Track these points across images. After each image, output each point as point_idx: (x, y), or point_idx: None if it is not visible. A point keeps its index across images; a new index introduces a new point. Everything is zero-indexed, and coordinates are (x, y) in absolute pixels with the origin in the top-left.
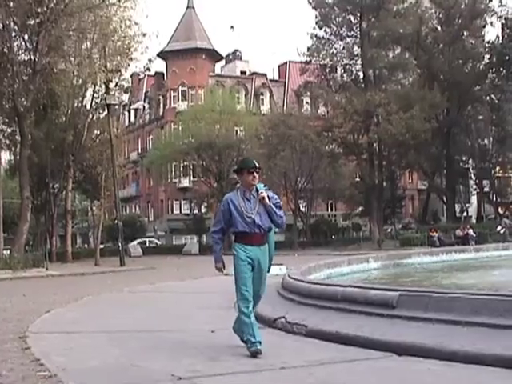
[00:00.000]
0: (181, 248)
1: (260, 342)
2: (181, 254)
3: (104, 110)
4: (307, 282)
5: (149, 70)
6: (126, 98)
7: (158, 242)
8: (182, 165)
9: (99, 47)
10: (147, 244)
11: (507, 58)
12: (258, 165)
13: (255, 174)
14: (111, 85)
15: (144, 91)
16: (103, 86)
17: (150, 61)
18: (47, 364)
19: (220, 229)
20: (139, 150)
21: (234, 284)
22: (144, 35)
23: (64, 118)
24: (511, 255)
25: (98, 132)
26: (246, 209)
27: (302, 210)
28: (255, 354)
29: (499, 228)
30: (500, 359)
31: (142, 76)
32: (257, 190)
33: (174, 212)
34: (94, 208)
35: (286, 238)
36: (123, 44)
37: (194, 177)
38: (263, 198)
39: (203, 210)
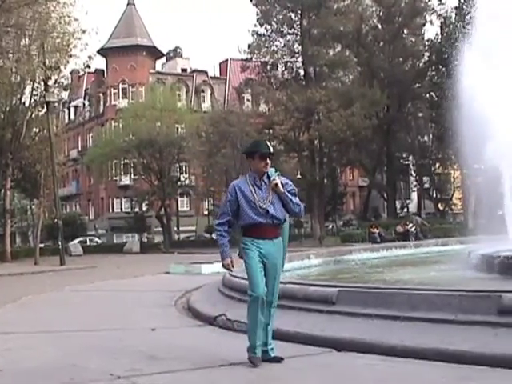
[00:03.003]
0: (122, 246)
1: (259, 348)
2: (122, 253)
3: (43, 107)
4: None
5: (89, 66)
6: (65, 95)
7: (99, 241)
8: (122, 162)
9: (38, 44)
10: (88, 243)
11: (446, 55)
12: (271, 149)
13: (268, 160)
14: (50, 82)
15: (84, 88)
16: (42, 83)
17: (89, 58)
18: None
19: (226, 221)
20: (79, 148)
21: (248, 283)
22: (84, 32)
23: (2, 116)
24: (450, 251)
25: (37, 130)
26: (257, 198)
27: None
28: (254, 363)
29: (399, 228)
30: (437, 353)
31: (81, 73)
32: (268, 177)
33: (115, 210)
34: (33, 207)
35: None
36: (62, 40)
37: (134, 175)
38: (276, 185)
39: (144, 208)
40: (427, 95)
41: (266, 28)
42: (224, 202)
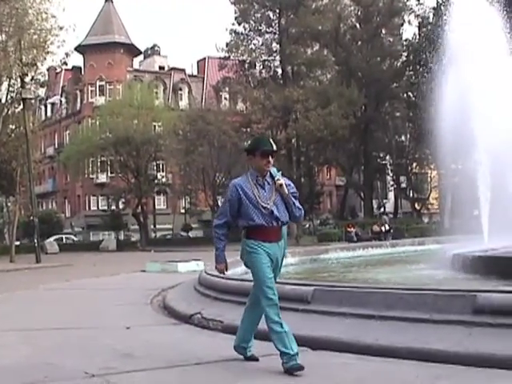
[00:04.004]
0: (98, 244)
1: (298, 355)
2: (98, 251)
3: (20, 104)
4: (224, 277)
5: (66, 63)
6: (42, 92)
7: (75, 239)
8: (99, 160)
9: (15, 40)
10: (64, 240)
11: (424, 56)
12: (274, 147)
13: (270, 158)
14: (27, 78)
15: (61, 85)
16: (19, 80)
17: (67, 55)
18: None
19: (224, 222)
20: (56, 145)
21: (255, 287)
22: (61, 28)
23: None
24: (426, 250)
25: (14, 126)
26: (260, 198)
27: None
28: (295, 371)
29: (375, 227)
30: (412, 351)
31: (58, 70)
32: (271, 176)
33: (92, 208)
34: (9, 204)
35: (205, 233)
36: (39, 37)
37: (111, 172)
38: (281, 185)
39: (121, 205)
40: (405, 95)
41: (244, 26)
42: (224, 202)
